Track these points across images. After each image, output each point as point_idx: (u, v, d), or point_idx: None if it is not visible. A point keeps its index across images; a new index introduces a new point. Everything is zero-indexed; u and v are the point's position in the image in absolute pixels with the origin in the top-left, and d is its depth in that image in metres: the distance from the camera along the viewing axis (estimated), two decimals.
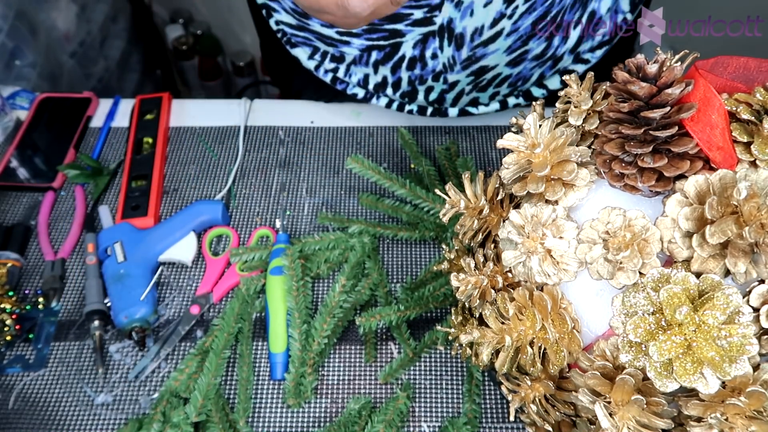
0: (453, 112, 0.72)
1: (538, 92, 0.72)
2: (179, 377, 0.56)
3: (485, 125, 0.76)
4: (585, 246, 0.37)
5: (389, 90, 0.71)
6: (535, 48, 0.66)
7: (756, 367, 0.33)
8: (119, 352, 0.59)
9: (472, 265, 0.45)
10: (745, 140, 0.35)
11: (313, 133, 0.76)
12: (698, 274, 0.33)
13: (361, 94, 0.73)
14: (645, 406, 0.34)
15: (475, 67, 0.66)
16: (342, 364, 0.58)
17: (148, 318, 0.59)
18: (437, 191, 0.50)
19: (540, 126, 0.39)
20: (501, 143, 0.40)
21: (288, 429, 0.55)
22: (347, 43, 0.67)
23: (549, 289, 0.39)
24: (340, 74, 0.72)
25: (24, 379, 0.57)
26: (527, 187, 0.39)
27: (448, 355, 0.58)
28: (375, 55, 0.67)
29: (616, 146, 0.37)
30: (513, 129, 0.46)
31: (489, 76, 0.68)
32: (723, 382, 0.32)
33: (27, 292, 0.63)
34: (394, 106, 0.73)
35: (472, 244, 0.47)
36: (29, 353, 0.59)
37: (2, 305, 0.59)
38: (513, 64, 0.67)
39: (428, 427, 0.55)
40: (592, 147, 0.40)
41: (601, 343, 0.37)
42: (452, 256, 0.50)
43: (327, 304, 0.58)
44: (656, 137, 0.35)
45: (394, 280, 0.63)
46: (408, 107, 0.72)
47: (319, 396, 0.56)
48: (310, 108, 0.79)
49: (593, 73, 0.42)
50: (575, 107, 0.41)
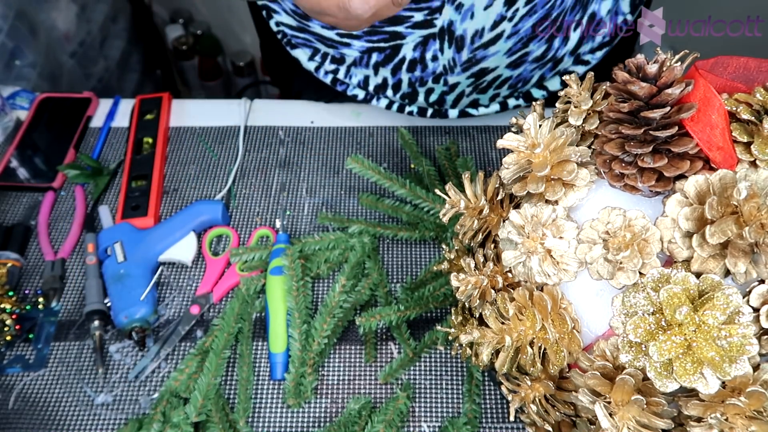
0: (453, 114, 0.72)
1: (538, 93, 0.72)
2: (179, 377, 0.56)
3: (485, 125, 0.76)
4: (585, 246, 0.37)
5: (389, 91, 0.71)
6: (536, 50, 0.66)
7: (756, 367, 0.33)
8: (119, 352, 0.59)
9: (472, 265, 0.45)
10: (745, 140, 0.35)
11: (313, 133, 0.76)
12: (698, 274, 0.33)
13: (361, 95, 0.72)
14: (645, 406, 0.34)
15: (475, 69, 0.66)
16: (342, 364, 0.58)
17: (148, 318, 0.59)
18: (437, 191, 0.49)
19: (540, 126, 0.39)
20: (501, 143, 0.40)
21: (288, 429, 0.55)
22: (348, 45, 0.67)
23: (549, 289, 0.39)
24: (340, 76, 0.72)
25: (24, 379, 0.57)
26: (527, 187, 0.39)
27: (448, 355, 0.58)
28: (375, 57, 0.67)
29: (616, 146, 0.37)
30: (513, 129, 0.46)
31: (489, 78, 0.68)
32: (723, 382, 0.32)
33: (27, 292, 0.63)
34: (395, 108, 0.73)
35: (472, 244, 0.47)
36: (29, 353, 0.59)
37: (2, 305, 0.59)
38: (513, 66, 0.67)
39: (428, 427, 0.55)
40: (592, 147, 0.40)
41: (601, 343, 0.37)
42: (452, 256, 0.50)
43: (327, 304, 0.58)
44: (656, 137, 0.35)
45: (394, 280, 0.63)
46: (408, 109, 0.72)
47: (319, 396, 0.56)
48: (310, 108, 0.79)
49: (593, 73, 0.42)
50: (575, 107, 0.41)
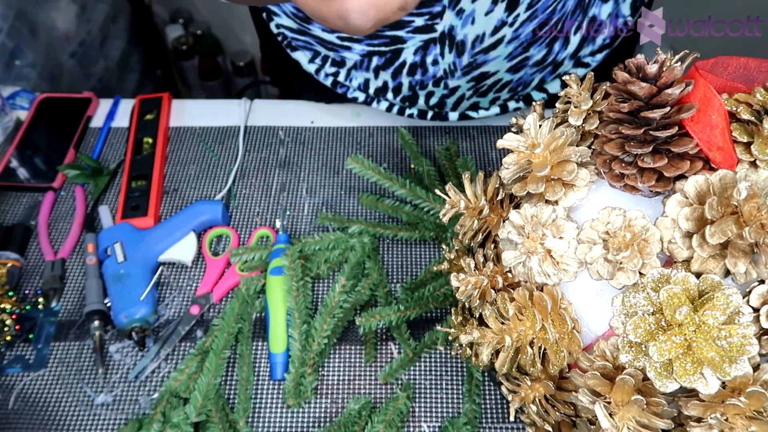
0: (453, 117, 0.72)
1: (538, 96, 0.72)
2: (179, 377, 0.56)
3: (485, 126, 0.76)
4: (585, 246, 0.37)
5: (390, 94, 0.71)
6: (536, 54, 0.66)
7: (756, 368, 0.33)
8: (119, 352, 0.59)
9: (472, 265, 0.45)
10: (745, 140, 0.35)
11: (313, 134, 0.76)
12: (698, 275, 0.33)
13: (361, 98, 0.72)
14: (645, 406, 0.34)
15: (475, 73, 0.66)
16: (342, 364, 0.58)
17: (148, 318, 0.59)
18: (437, 191, 0.49)
19: (540, 126, 0.39)
20: (501, 143, 0.40)
21: (288, 429, 0.55)
22: (348, 48, 0.67)
23: (549, 290, 0.39)
24: (340, 78, 0.72)
25: (24, 379, 0.57)
26: (527, 187, 0.39)
27: (448, 355, 0.58)
28: (376, 61, 0.67)
29: (616, 146, 0.37)
30: (513, 129, 0.46)
31: (489, 81, 0.68)
32: (723, 383, 0.32)
33: (27, 292, 0.63)
34: (395, 110, 0.73)
35: (472, 244, 0.47)
36: (29, 353, 0.59)
37: (2, 305, 0.59)
38: (514, 70, 0.67)
39: (428, 427, 0.55)
40: (592, 147, 0.40)
41: (601, 343, 0.37)
42: (452, 256, 0.50)
43: (327, 304, 0.58)
44: (656, 137, 0.35)
45: (394, 280, 0.63)
46: (408, 111, 0.72)
47: (319, 396, 0.56)
48: (310, 108, 0.79)
49: (593, 73, 0.42)
50: (575, 107, 0.41)
